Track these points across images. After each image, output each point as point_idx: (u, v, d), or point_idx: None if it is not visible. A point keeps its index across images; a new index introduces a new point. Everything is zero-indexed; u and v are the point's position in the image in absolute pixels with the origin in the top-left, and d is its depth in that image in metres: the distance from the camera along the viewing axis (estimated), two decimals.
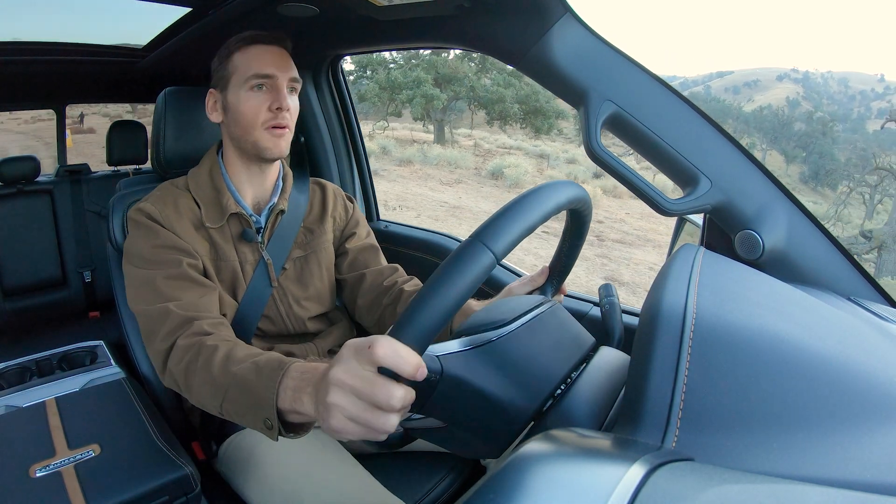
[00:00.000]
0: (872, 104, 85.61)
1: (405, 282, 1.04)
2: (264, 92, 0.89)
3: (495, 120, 21.06)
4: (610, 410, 0.53)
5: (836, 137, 31.53)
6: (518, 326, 0.55)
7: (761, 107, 45.74)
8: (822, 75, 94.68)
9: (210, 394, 0.70)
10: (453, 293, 0.43)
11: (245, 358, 0.69)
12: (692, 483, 0.29)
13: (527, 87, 20.20)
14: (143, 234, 0.87)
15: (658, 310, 0.44)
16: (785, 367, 0.40)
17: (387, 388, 0.44)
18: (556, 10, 0.71)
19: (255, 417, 0.63)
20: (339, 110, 1.62)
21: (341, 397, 0.47)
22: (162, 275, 0.83)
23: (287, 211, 1.00)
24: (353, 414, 0.46)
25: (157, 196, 0.92)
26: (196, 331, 0.77)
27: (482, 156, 16.39)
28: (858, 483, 0.33)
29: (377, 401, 0.45)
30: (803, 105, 39.79)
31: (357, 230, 1.11)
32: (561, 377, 0.54)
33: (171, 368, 0.77)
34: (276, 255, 0.97)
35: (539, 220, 0.49)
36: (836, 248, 0.72)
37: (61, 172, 2.29)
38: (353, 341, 0.48)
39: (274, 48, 0.90)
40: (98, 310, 2.29)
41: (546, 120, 21.30)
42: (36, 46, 1.56)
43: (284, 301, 0.99)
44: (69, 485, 0.78)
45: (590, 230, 0.70)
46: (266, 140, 0.90)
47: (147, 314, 0.82)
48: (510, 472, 0.31)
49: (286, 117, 0.89)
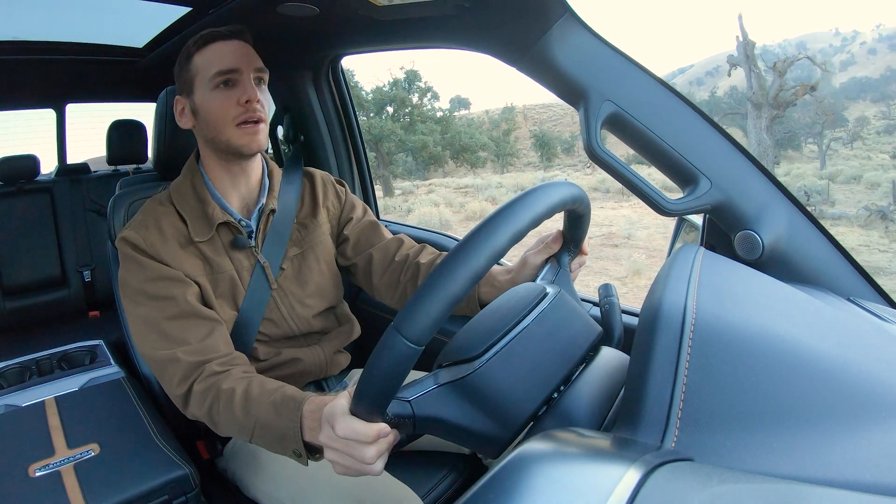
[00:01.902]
0: (833, 59, 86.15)
1: (417, 253, 1.02)
2: (230, 88, 0.86)
3: (430, 164, 24.09)
4: (609, 410, 0.53)
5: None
6: (492, 356, 0.55)
7: (712, 91, 46.20)
8: (779, 45, 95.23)
9: (237, 431, 0.75)
10: (390, 372, 0.47)
11: (261, 397, 0.73)
12: (691, 483, 0.29)
13: (451, 129, 23.28)
14: (133, 267, 0.85)
15: (658, 310, 0.44)
16: (784, 367, 0.40)
17: (359, 451, 0.55)
18: (556, 10, 0.71)
19: (284, 448, 0.70)
20: (339, 110, 1.62)
21: (332, 455, 0.58)
22: (164, 316, 0.82)
23: (278, 210, 0.97)
24: (346, 465, 0.58)
25: (139, 221, 0.89)
26: (209, 373, 0.78)
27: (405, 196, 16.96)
28: (858, 483, 0.33)
29: (356, 459, 0.56)
30: (767, 79, 40.66)
31: (354, 213, 1.09)
32: (539, 402, 0.54)
33: (195, 412, 0.79)
34: (272, 257, 0.96)
35: (448, 309, 0.48)
36: (836, 248, 0.73)
37: (61, 171, 2.29)
38: (326, 411, 0.58)
39: (233, 42, 0.87)
40: (98, 309, 2.28)
41: (473, 154, 24.36)
42: (36, 46, 1.56)
43: (286, 302, 0.98)
44: (68, 484, 0.78)
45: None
46: (240, 137, 0.87)
47: (156, 360, 0.81)
48: (510, 472, 0.31)
49: (257, 109, 0.86)
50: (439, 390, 0.54)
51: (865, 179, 15.22)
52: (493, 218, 0.51)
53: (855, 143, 34.00)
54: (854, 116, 39.72)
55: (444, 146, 23.65)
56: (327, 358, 1.02)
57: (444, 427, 0.54)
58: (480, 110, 55.57)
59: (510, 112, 42.19)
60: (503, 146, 29.49)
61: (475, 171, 25.70)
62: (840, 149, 32.12)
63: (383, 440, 0.55)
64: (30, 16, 1.42)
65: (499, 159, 28.79)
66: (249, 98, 0.85)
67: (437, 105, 26.02)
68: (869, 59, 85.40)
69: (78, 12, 1.42)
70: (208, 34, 0.87)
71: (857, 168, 17.79)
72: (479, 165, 25.25)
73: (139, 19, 1.37)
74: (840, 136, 32.86)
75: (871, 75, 71.22)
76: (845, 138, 33.62)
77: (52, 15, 1.42)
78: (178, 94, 0.92)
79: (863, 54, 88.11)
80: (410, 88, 24.96)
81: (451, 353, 0.57)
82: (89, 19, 1.48)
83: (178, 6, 1.11)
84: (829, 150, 27.20)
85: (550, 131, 38.20)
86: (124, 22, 1.46)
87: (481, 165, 25.58)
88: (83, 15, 1.45)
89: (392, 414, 0.52)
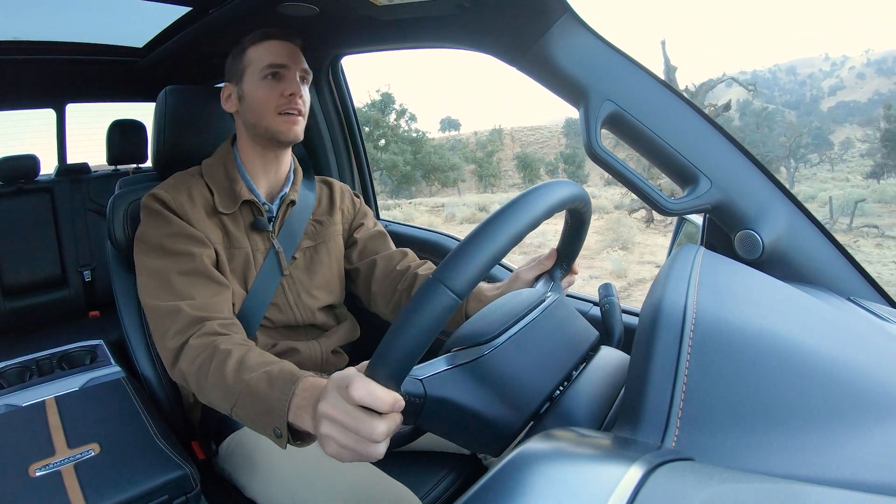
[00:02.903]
0: (823, 84, 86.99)
1: (418, 266, 1.05)
2: (278, 80, 0.93)
3: (402, 184, 25.63)
4: (610, 410, 0.53)
5: (772, 126, 32.73)
6: (505, 340, 0.55)
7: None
8: (769, 70, 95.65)
9: (221, 396, 0.72)
10: (419, 329, 0.45)
11: (257, 366, 0.70)
12: (692, 483, 0.29)
13: (423, 150, 24.91)
14: (156, 222, 0.88)
15: (658, 310, 0.44)
16: (785, 367, 0.40)
17: (369, 423, 0.49)
18: (556, 10, 0.71)
19: (265, 425, 0.65)
20: (339, 110, 1.62)
21: (330, 429, 0.51)
22: (176, 269, 0.84)
23: (297, 203, 1.02)
24: (343, 443, 0.51)
25: (170, 184, 0.93)
26: (208, 331, 0.78)
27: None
28: (858, 483, 0.33)
29: (361, 434, 0.49)
30: (756, 104, 41.03)
31: (365, 221, 1.14)
32: (550, 389, 0.54)
33: (183, 368, 0.78)
34: (287, 244, 1.00)
35: (494, 260, 0.47)
36: (836, 248, 0.72)
37: (61, 171, 2.29)
38: (336, 375, 0.52)
39: (286, 43, 0.95)
40: (98, 309, 2.28)
41: (444, 174, 26.23)
42: (36, 45, 1.56)
43: (293, 289, 1.01)
44: (69, 484, 0.78)
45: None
46: (280, 124, 0.93)
47: (158, 310, 0.82)
48: (510, 472, 0.31)
49: (299, 103, 0.93)
50: (452, 371, 0.53)
51: (819, 198, 17.65)
52: (532, 191, 0.52)
53: (838, 165, 34.86)
54: (839, 140, 40.11)
55: (415, 166, 25.03)
56: (324, 355, 1.03)
57: (452, 413, 0.52)
58: (470, 132, 56.45)
59: (498, 134, 43.16)
60: (486, 167, 30.76)
61: (459, 191, 27.32)
62: (820, 172, 32.84)
63: (393, 417, 0.50)
64: (30, 16, 1.42)
65: (482, 180, 30.25)
66: (294, 91, 0.92)
67: (414, 126, 27.58)
68: (857, 83, 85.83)
69: (78, 12, 1.42)
70: (265, 32, 0.95)
71: (816, 189, 21.11)
72: (449, 185, 26.89)
73: (139, 19, 1.36)
74: (814, 159, 34.25)
75: (859, 99, 71.91)
76: (826, 161, 34.55)
77: (52, 15, 1.42)
78: (227, 82, 0.98)
79: (852, 78, 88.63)
80: (385, 110, 26.21)
81: (461, 339, 0.56)
82: (89, 19, 1.48)
83: (178, 6, 1.11)
84: (813, 173, 29.48)
85: (537, 153, 39.09)
86: (124, 22, 1.46)
87: (451, 185, 27.15)
88: (83, 15, 1.44)
89: (405, 392, 0.49)
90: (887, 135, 24.52)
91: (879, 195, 17.73)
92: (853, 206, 12.82)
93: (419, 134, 26.89)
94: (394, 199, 24.43)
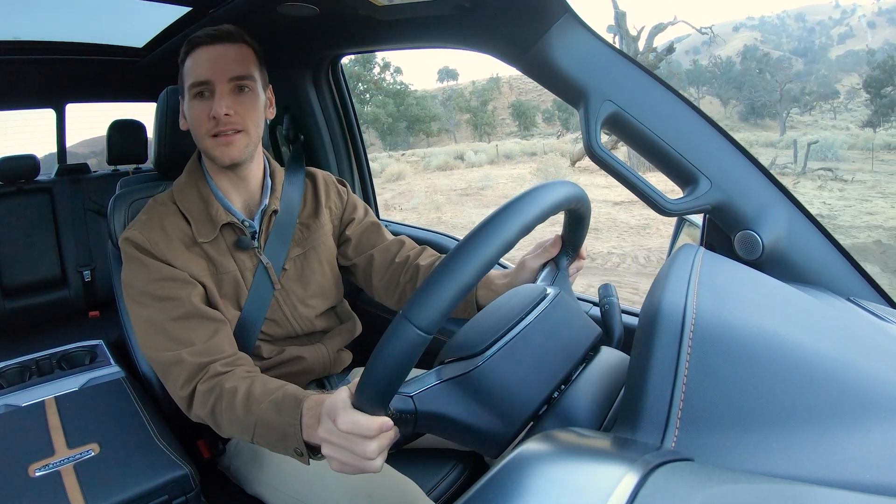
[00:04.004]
0: (832, 31, 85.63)
1: (418, 255, 1.02)
2: (205, 100, 0.85)
3: (386, 136, 26.83)
4: (609, 410, 0.53)
5: (773, 72, 33.09)
6: (496, 351, 0.55)
7: (694, 60, 47.49)
8: (777, 16, 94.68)
9: (239, 431, 0.75)
10: (395, 361, 0.46)
11: (263, 396, 0.72)
12: (691, 483, 0.29)
13: (405, 103, 25.47)
14: (137, 268, 0.85)
15: (658, 310, 0.44)
16: (784, 367, 0.40)
17: (361, 445, 0.53)
18: (556, 10, 0.71)
19: (286, 448, 0.69)
20: (338, 110, 1.62)
21: (330, 450, 0.57)
22: (168, 317, 0.82)
23: (280, 210, 0.97)
24: (344, 461, 0.56)
25: (142, 221, 0.88)
26: (213, 374, 0.78)
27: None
28: (858, 483, 0.33)
29: (356, 454, 0.54)
30: (762, 49, 40.90)
31: (355, 213, 1.09)
32: (546, 394, 0.54)
33: (198, 413, 0.79)
34: (275, 257, 0.96)
35: (459, 296, 0.46)
36: (836, 249, 0.72)
37: (61, 171, 2.29)
38: (327, 404, 0.56)
39: (214, 48, 0.85)
40: (98, 309, 2.28)
41: (426, 125, 26.95)
42: (36, 45, 1.56)
43: (288, 302, 0.98)
44: (68, 484, 0.78)
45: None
46: (212, 149, 0.87)
47: (161, 361, 0.81)
48: (510, 472, 0.31)
49: (228, 122, 0.85)
50: (442, 386, 0.54)
51: (800, 143, 17.84)
52: (503, 210, 0.50)
53: (842, 114, 35.19)
54: (846, 89, 40.04)
55: (398, 118, 25.72)
56: (331, 355, 1.03)
57: (446, 424, 0.54)
58: (468, 81, 56.62)
59: (496, 83, 43.08)
60: (481, 116, 30.85)
61: (455, 140, 28.28)
62: (822, 120, 33.32)
63: (385, 435, 0.54)
64: (30, 16, 1.42)
65: (477, 129, 30.80)
66: (216, 115, 0.83)
67: (399, 79, 27.92)
68: (868, 32, 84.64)
69: (78, 12, 1.42)
70: (193, 39, 0.86)
71: (798, 134, 21.25)
72: (432, 135, 27.73)
73: (139, 19, 1.37)
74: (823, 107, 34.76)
75: (870, 47, 71.51)
76: (830, 110, 35.40)
77: (52, 15, 1.42)
78: (180, 96, 0.92)
79: (861, 28, 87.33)
80: (367, 65, 26.72)
81: (453, 350, 0.57)
82: (89, 19, 1.48)
83: (178, 6, 1.11)
84: (815, 120, 30.65)
85: (533, 101, 38.88)
86: (124, 22, 1.46)
87: (435, 135, 28.05)
88: (83, 15, 1.45)
89: (394, 409, 0.51)
90: (869, 81, 25.13)
91: (864, 143, 18.00)
92: (807, 149, 13.53)
93: (402, 86, 27.43)
94: (387, 152, 25.46)
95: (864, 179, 11.23)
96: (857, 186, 10.50)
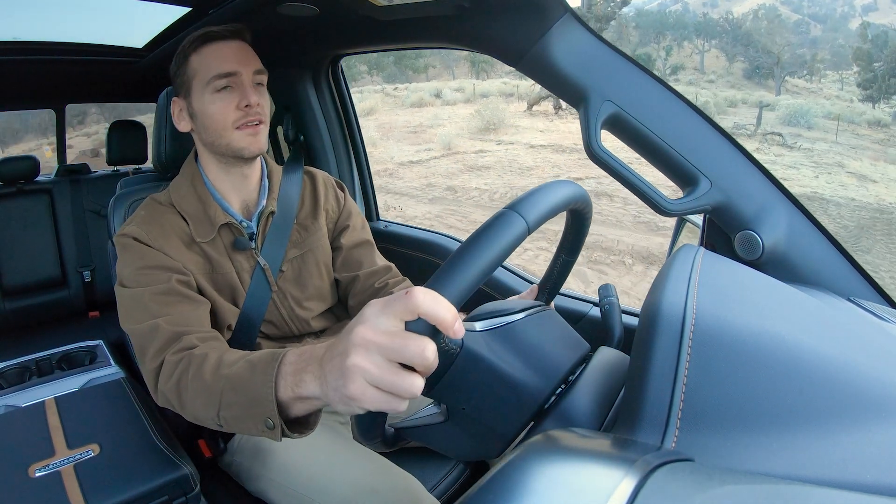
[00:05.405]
0: (856, 2, 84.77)
1: (396, 284, 1.03)
2: (229, 91, 0.84)
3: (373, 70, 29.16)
4: (610, 410, 0.53)
5: (783, 34, 33.31)
6: (528, 315, 0.57)
7: (704, 14, 47.80)
8: None
9: (204, 403, 0.65)
10: (488, 255, 0.45)
11: (237, 359, 0.65)
12: (692, 483, 0.29)
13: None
14: (130, 256, 0.84)
15: (658, 310, 0.44)
16: (784, 367, 0.40)
17: (418, 342, 0.40)
18: (556, 10, 0.71)
19: (256, 419, 0.58)
20: (338, 110, 1.62)
21: (365, 358, 0.41)
22: (150, 291, 0.80)
23: (277, 211, 0.96)
24: (377, 376, 0.41)
25: (141, 217, 0.88)
26: (185, 345, 0.73)
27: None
28: (858, 483, 0.33)
29: (408, 356, 0.40)
30: (781, 10, 40.96)
31: (350, 221, 1.08)
32: (568, 368, 0.55)
33: (162, 387, 0.73)
34: (272, 258, 0.95)
35: (565, 204, 0.54)
36: (836, 249, 0.72)
37: (61, 172, 2.29)
38: (377, 299, 0.43)
39: (232, 43, 0.85)
40: (98, 309, 2.28)
41: (412, 60, 28.33)
42: (36, 46, 1.56)
43: (285, 304, 0.98)
44: (68, 484, 0.78)
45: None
46: (240, 140, 0.86)
47: (138, 332, 0.78)
48: (510, 472, 0.31)
49: (257, 112, 0.85)
50: (483, 332, 0.54)
51: (781, 106, 18.59)
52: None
53: (850, 86, 35.93)
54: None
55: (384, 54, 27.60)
56: None
57: (483, 373, 0.50)
58: None
59: None
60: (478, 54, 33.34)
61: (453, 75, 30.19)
62: (827, 89, 33.70)
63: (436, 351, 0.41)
64: (30, 16, 1.43)
65: (475, 65, 32.39)
66: (249, 103, 0.84)
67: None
68: (892, 6, 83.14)
69: (78, 13, 1.43)
70: (205, 34, 0.84)
71: (782, 99, 21.91)
72: (419, 71, 29.40)
73: (139, 19, 1.37)
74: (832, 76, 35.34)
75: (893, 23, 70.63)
76: (836, 79, 36.04)
77: (52, 15, 1.42)
78: (175, 96, 0.90)
79: (887, 2, 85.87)
80: None
81: (487, 312, 0.57)
82: (89, 19, 1.49)
83: (178, 6, 1.11)
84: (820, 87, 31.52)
85: None
86: (124, 22, 1.46)
87: (422, 71, 29.74)
88: (83, 15, 1.45)
89: (445, 340, 0.47)
90: (858, 53, 25.13)
91: (851, 115, 18.46)
92: (759, 111, 14.42)
93: None
94: (391, 84, 27.11)
95: (813, 149, 11.36)
96: (797, 154, 10.75)
